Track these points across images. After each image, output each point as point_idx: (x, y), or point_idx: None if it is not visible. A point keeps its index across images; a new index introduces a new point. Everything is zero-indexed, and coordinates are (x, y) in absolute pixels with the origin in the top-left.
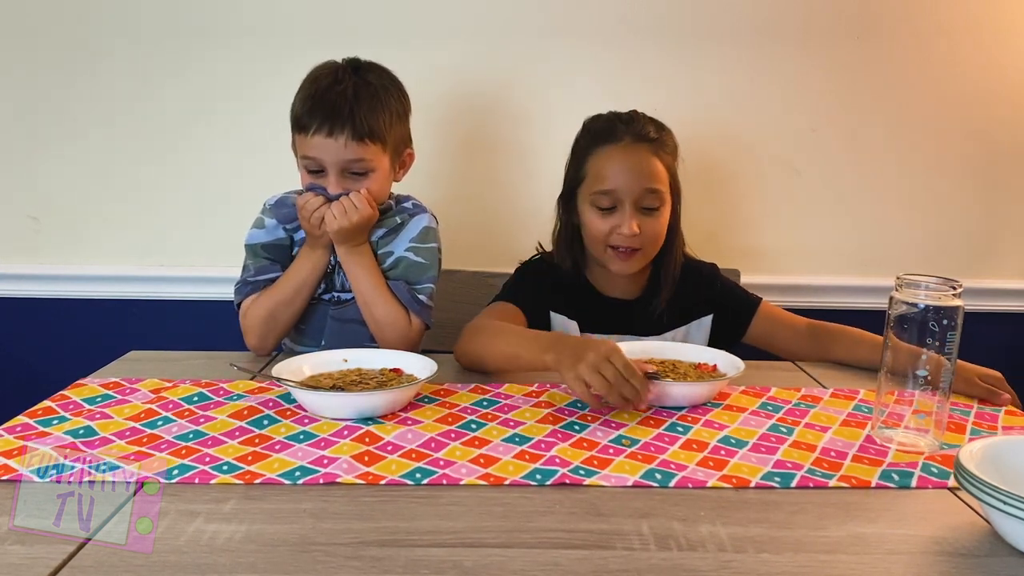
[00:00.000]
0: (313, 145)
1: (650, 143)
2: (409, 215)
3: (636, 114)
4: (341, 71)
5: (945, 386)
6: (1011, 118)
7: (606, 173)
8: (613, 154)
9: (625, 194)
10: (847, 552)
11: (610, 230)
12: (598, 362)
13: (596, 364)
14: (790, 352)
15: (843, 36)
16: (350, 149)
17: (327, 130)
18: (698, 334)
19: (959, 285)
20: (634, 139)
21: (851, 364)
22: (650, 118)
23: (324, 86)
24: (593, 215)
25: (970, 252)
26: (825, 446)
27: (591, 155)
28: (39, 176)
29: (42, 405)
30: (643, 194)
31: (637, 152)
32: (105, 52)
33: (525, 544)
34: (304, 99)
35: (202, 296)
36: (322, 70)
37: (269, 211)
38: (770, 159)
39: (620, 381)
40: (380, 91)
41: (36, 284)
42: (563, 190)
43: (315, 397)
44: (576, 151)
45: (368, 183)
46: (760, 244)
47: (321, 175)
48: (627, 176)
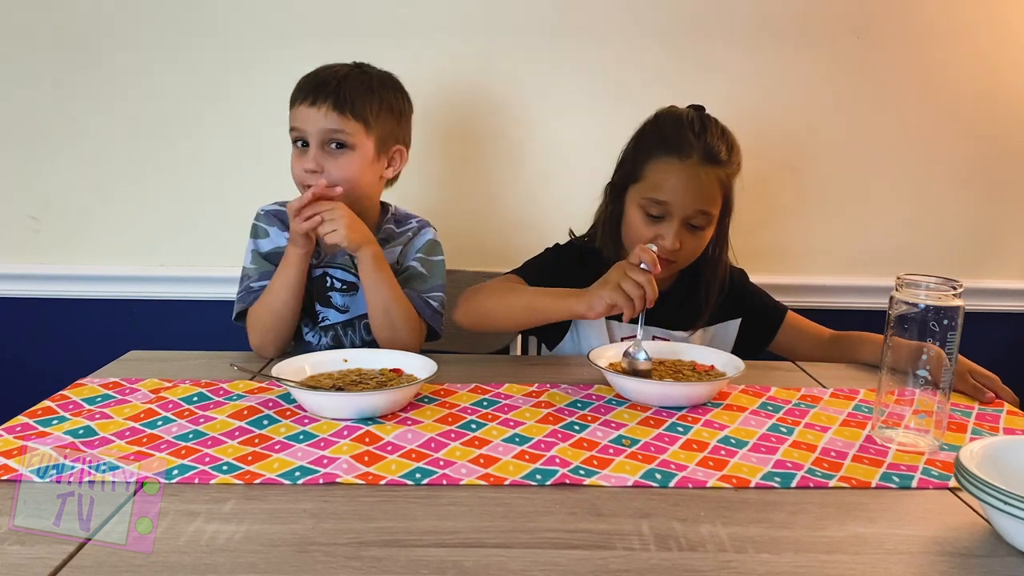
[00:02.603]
0: (297, 115)
1: (717, 165)
2: (416, 229)
3: (710, 122)
4: (344, 64)
5: (946, 385)
6: (1011, 118)
7: (664, 186)
8: (677, 170)
9: (677, 209)
10: (847, 552)
11: (652, 238)
12: (623, 273)
13: (624, 273)
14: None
15: (843, 36)
16: (330, 119)
17: (311, 100)
18: (724, 337)
19: (959, 285)
20: (702, 159)
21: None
22: (723, 130)
23: (322, 69)
24: (639, 217)
25: (970, 252)
26: (825, 446)
27: (654, 160)
28: (39, 176)
29: (42, 405)
30: (695, 214)
31: (701, 173)
32: (105, 52)
33: (525, 544)
34: (307, 77)
35: (202, 296)
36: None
37: (265, 218)
38: (770, 159)
39: (647, 280)
40: (374, 80)
41: (36, 284)
42: (615, 179)
43: (315, 397)
44: (639, 146)
45: (348, 162)
46: (760, 244)
47: (306, 151)
48: (684, 196)
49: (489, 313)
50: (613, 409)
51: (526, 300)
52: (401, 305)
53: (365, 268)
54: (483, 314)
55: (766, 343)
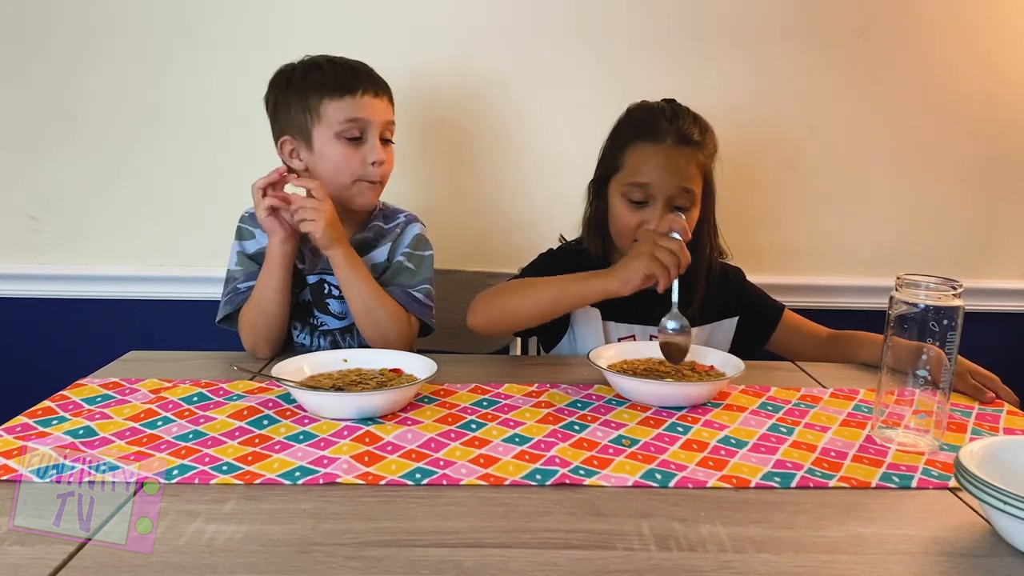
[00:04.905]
0: (364, 105)
1: (692, 146)
2: (404, 224)
3: (680, 109)
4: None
5: (945, 385)
6: (1011, 118)
7: (643, 169)
8: (653, 152)
9: (659, 191)
10: (847, 552)
11: (638, 224)
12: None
13: (655, 243)
14: (810, 360)
15: (843, 36)
16: (390, 111)
17: (373, 91)
18: (721, 335)
19: (959, 285)
20: (676, 141)
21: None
22: (694, 115)
23: (340, 60)
24: (623, 207)
25: (970, 252)
26: (825, 446)
27: (630, 147)
28: (39, 176)
29: (42, 405)
30: (677, 192)
31: (678, 154)
32: (105, 52)
33: (525, 544)
34: (335, 69)
35: (202, 296)
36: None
37: (250, 220)
38: (769, 159)
39: (679, 245)
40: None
41: (36, 284)
42: (596, 175)
43: (315, 397)
44: (615, 138)
45: (392, 155)
46: (760, 244)
47: (359, 142)
48: (663, 175)
49: (515, 310)
50: (613, 409)
51: (552, 290)
52: (382, 303)
53: (338, 268)
54: (508, 311)
55: (763, 341)
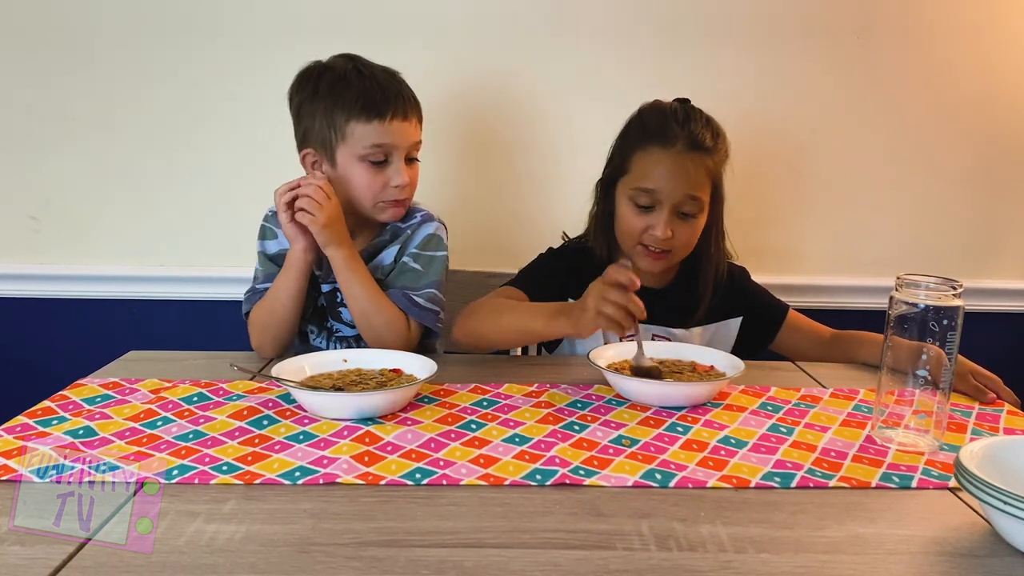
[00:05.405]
0: (392, 130)
1: (703, 152)
2: (418, 224)
3: (693, 112)
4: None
5: (945, 385)
6: (1011, 119)
7: (651, 174)
8: (663, 158)
9: (666, 197)
10: (847, 552)
11: (644, 228)
12: (600, 297)
13: (602, 297)
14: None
15: (844, 36)
16: (417, 132)
17: (403, 114)
18: (725, 335)
19: (959, 285)
20: (687, 146)
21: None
22: (707, 119)
23: (370, 75)
24: (629, 210)
25: (970, 252)
26: (825, 446)
27: (640, 150)
28: (39, 176)
29: (42, 405)
30: (684, 200)
31: (687, 160)
32: (105, 52)
33: (525, 544)
34: (364, 87)
35: (202, 296)
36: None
37: (272, 219)
38: (770, 159)
39: (627, 298)
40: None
41: (36, 284)
42: (604, 175)
43: (315, 397)
44: (625, 140)
45: (416, 174)
46: (760, 244)
47: (384, 165)
48: (671, 182)
49: (485, 335)
50: (613, 409)
51: (518, 323)
52: (379, 308)
53: (337, 270)
54: (479, 336)
55: (768, 341)
